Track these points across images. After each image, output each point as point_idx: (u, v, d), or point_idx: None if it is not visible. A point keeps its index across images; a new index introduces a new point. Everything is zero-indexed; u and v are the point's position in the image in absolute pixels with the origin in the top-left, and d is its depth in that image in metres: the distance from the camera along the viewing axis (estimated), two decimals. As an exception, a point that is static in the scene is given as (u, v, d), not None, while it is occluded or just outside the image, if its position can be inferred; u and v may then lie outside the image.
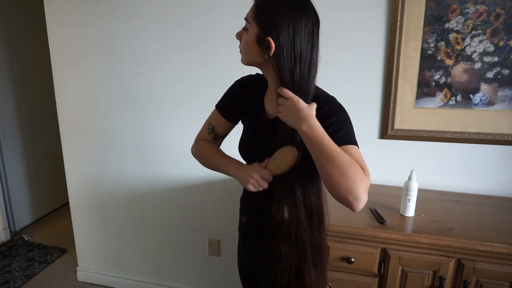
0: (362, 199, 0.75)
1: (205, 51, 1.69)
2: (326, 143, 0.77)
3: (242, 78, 1.05)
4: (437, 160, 1.52)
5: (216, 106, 1.07)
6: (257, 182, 0.90)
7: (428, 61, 1.43)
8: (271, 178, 0.90)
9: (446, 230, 1.16)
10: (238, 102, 1.02)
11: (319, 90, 0.92)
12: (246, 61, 0.90)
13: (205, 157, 1.06)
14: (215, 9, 1.62)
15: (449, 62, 1.41)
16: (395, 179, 1.55)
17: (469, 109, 1.44)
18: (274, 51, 0.81)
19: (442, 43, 1.40)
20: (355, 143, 0.86)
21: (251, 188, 0.91)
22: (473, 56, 1.39)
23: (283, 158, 0.86)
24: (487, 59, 1.37)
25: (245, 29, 0.87)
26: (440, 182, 1.53)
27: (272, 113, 0.96)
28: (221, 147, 1.11)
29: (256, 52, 0.85)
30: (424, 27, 1.41)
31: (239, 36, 0.90)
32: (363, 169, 0.79)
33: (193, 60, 1.72)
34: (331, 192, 0.79)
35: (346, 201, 0.76)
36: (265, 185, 0.91)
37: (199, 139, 1.10)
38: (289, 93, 0.81)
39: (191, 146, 1.11)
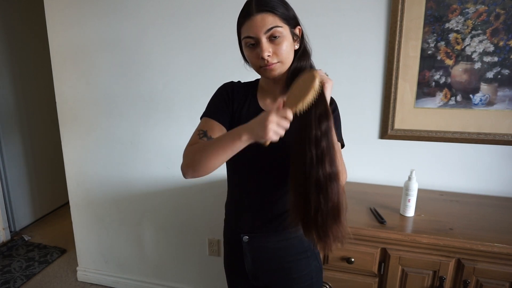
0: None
1: (207, 51, 1.69)
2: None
3: (226, 84, 0.97)
4: (437, 160, 1.52)
5: (204, 115, 0.94)
6: (278, 124, 0.69)
7: (428, 61, 1.43)
8: (292, 116, 0.71)
9: (446, 230, 1.16)
10: (228, 107, 0.94)
11: None
12: (286, 68, 0.85)
13: (199, 153, 0.81)
14: (219, 7, 1.62)
15: (449, 62, 1.41)
16: (395, 179, 1.55)
17: (469, 109, 1.43)
18: (301, 36, 0.88)
19: (442, 43, 1.40)
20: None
21: (272, 135, 0.69)
22: (473, 56, 1.39)
23: (303, 86, 0.70)
24: (487, 59, 1.37)
25: (275, 37, 0.81)
26: (440, 182, 1.53)
27: None
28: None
29: (293, 50, 0.87)
30: (424, 27, 1.41)
31: (268, 51, 0.81)
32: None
33: (193, 60, 1.71)
34: None
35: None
36: (287, 125, 0.71)
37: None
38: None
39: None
